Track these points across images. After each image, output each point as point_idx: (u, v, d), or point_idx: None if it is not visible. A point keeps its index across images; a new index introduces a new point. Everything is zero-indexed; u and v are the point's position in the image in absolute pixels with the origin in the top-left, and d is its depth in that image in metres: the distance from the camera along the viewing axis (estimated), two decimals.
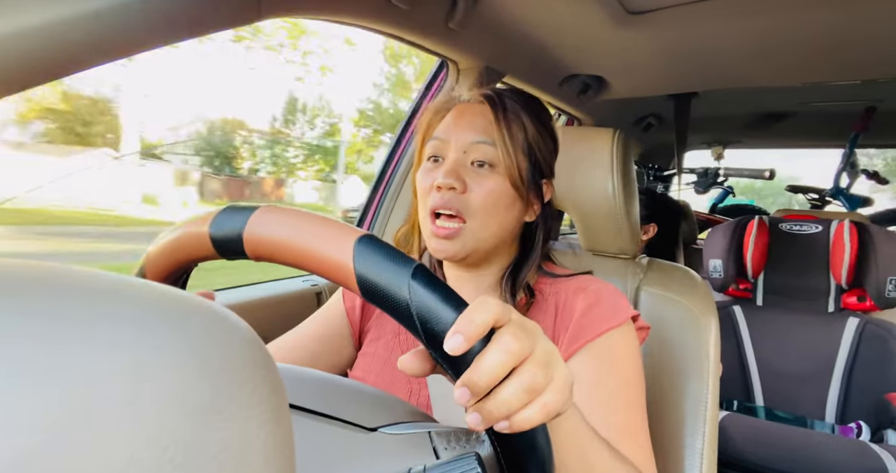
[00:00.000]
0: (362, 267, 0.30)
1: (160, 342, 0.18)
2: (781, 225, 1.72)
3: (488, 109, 0.62)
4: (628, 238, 0.82)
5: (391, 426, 0.36)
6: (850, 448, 1.27)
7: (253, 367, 0.20)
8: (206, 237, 0.35)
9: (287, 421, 0.21)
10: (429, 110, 0.69)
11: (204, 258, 0.37)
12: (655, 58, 1.14)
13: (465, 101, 0.66)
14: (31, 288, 0.18)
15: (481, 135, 0.61)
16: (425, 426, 0.36)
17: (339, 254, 0.31)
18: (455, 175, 0.60)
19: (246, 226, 0.33)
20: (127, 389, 0.16)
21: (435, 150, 0.64)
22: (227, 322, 0.20)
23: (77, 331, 0.16)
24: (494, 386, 0.29)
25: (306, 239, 0.32)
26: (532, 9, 0.92)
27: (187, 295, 0.21)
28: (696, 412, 0.71)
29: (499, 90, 0.66)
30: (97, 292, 0.19)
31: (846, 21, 0.89)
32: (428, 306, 0.29)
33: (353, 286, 0.31)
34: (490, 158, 0.61)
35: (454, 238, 0.60)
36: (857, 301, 1.59)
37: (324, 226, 0.32)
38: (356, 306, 0.72)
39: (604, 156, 0.78)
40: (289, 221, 0.33)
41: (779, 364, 1.62)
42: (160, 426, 0.16)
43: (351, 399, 0.39)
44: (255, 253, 0.34)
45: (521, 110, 0.64)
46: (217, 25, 0.58)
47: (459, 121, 0.63)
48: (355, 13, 0.78)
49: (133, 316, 0.18)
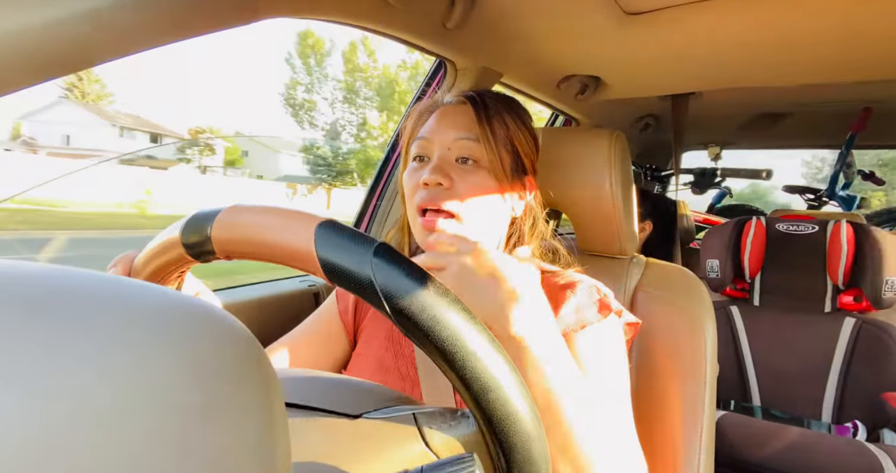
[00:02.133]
0: (324, 251, 0.31)
1: (154, 342, 0.17)
2: (778, 225, 1.72)
3: (470, 109, 0.65)
4: (626, 238, 0.82)
5: (375, 411, 0.36)
6: (846, 447, 1.27)
7: (249, 367, 0.20)
8: (178, 243, 0.36)
9: (283, 421, 0.21)
10: (413, 113, 0.71)
11: (181, 263, 0.38)
12: (653, 58, 1.14)
13: (447, 103, 0.68)
14: (21, 289, 0.18)
15: (464, 132, 0.64)
16: (409, 408, 0.36)
17: (300, 242, 0.32)
18: (441, 172, 0.61)
19: (212, 226, 0.34)
20: (120, 390, 0.16)
21: (420, 150, 0.66)
22: (223, 322, 0.20)
23: (69, 333, 0.16)
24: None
25: (269, 232, 0.33)
26: (530, 9, 0.92)
27: (181, 295, 0.21)
28: (693, 412, 0.71)
29: (480, 91, 0.70)
30: (90, 293, 0.19)
31: (843, 21, 0.89)
32: (392, 281, 0.30)
33: (317, 270, 0.32)
34: (473, 154, 0.63)
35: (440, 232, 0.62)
36: (853, 301, 1.59)
37: (284, 216, 0.33)
38: (349, 308, 0.73)
39: (601, 156, 0.78)
40: (251, 217, 0.34)
41: (776, 363, 1.63)
42: (154, 426, 0.16)
43: (334, 390, 0.39)
44: (224, 252, 0.35)
45: (502, 109, 0.67)
46: (215, 26, 0.58)
47: (443, 120, 0.66)
48: (352, 13, 0.78)
49: (127, 316, 0.18)
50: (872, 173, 2.49)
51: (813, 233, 1.68)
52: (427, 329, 0.29)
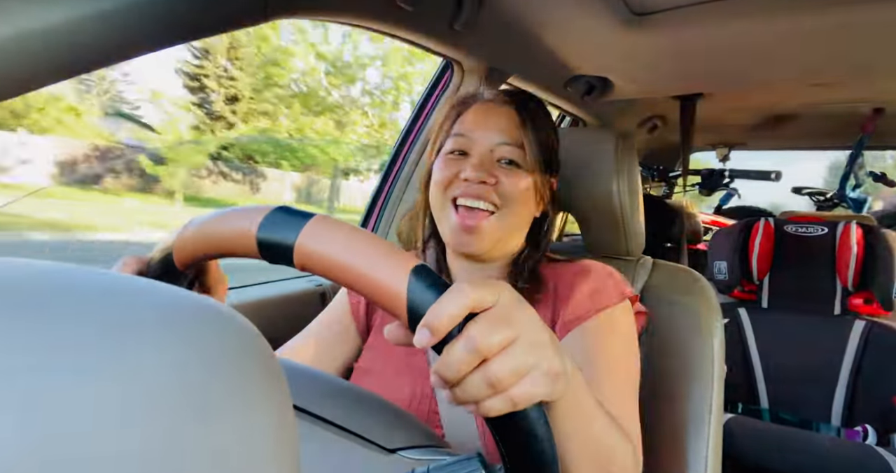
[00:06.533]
0: (416, 300, 0.30)
1: (163, 340, 0.18)
2: (787, 227, 1.71)
3: (513, 112, 0.66)
4: (633, 239, 0.82)
5: (411, 449, 0.36)
6: (855, 451, 1.26)
7: (256, 366, 0.20)
8: (251, 238, 0.33)
9: (290, 420, 0.21)
10: (449, 104, 0.71)
11: (242, 256, 0.36)
12: (661, 59, 1.13)
13: (487, 100, 0.68)
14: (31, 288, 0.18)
15: (507, 137, 0.65)
16: (443, 452, 0.37)
17: (393, 284, 0.31)
18: (486, 170, 0.62)
19: (298, 236, 0.32)
20: (128, 387, 0.16)
21: (459, 145, 0.66)
22: (231, 320, 0.20)
23: (78, 330, 0.17)
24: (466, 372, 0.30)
25: (362, 263, 0.31)
26: (537, 10, 0.91)
27: (191, 294, 0.21)
28: (700, 414, 0.70)
29: (518, 94, 0.70)
30: (99, 291, 0.19)
31: (853, 21, 0.88)
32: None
33: (402, 315, 0.31)
34: (516, 158, 0.65)
35: (479, 230, 0.62)
36: (863, 303, 1.58)
37: (378, 249, 0.32)
38: (361, 302, 0.74)
39: (608, 157, 0.78)
40: (344, 239, 0.32)
41: (784, 366, 1.61)
42: (162, 423, 0.16)
43: (372, 415, 0.39)
44: (302, 265, 0.33)
45: (540, 113, 0.68)
46: (223, 27, 0.59)
47: (485, 121, 0.66)
48: (361, 14, 0.78)
49: (136, 314, 0.18)
50: (884, 174, 2.47)
51: (822, 234, 1.66)
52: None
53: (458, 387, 0.30)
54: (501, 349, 0.30)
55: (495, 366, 0.29)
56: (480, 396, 0.30)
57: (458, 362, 0.29)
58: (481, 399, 0.30)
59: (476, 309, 0.30)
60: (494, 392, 0.30)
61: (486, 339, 0.29)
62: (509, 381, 0.30)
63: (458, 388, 0.30)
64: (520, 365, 0.30)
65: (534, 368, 0.31)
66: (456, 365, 0.29)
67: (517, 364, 0.30)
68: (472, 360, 0.29)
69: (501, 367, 0.30)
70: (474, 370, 0.30)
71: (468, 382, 0.30)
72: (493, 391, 0.30)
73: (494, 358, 0.30)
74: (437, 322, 0.29)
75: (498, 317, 0.30)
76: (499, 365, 0.30)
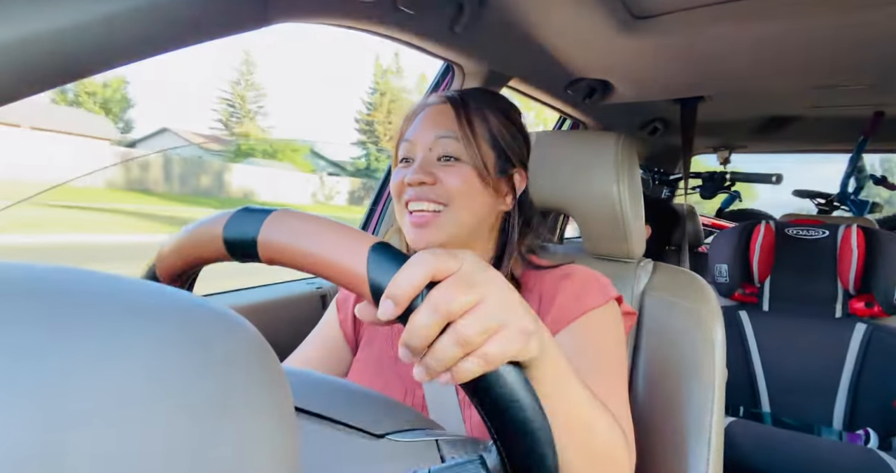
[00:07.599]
0: (376, 277, 0.30)
1: (165, 343, 0.18)
2: (788, 229, 1.71)
3: (450, 108, 0.66)
4: (633, 242, 0.82)
5: (399, 433, 0.36)
6: (857, 455, 1.25)
7: (257, 368, 0.20)
8: (219, 239, 0.35)
9: (292, 422, 0.21)
10: (404, 118, 0.72)
11: (215, 259, 0.37)
12: (662, 62, 1.14)
13: (431, 105, 0.69)
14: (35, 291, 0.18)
15: (443, 130, 0.64)
16: (433, 433, 0.37)
17: (353, 263, 0.31)
18: (424, 170, 0.62)
19: (260, 230, 0.33)
20: (130, 389, 0.16)
21: (405, 152, 0.67)
22: (232, 323, 0.21)
23: (82, 333, 0.17)
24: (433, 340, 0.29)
25: (321, 248, 0.32)
26: (538, 13, 0.92)
27: (192, 296, 0.21)
28: (701, 417, 0.70)
29: (462, 90, 0.70)
30: (102, 294, 0.19)
31: (853, 24, 0.88)
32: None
33: (366, 295, 0.31)
34: (454, 151, 0.64)
35: (430, 225, 0.62)
36: (864, 306, 1.57)
37: (338, 233, 0.32)
38: (349, 317, 0.74)
39: (609, 160, 0.78)
40: (303, 228, 0.33)
41: (785, 369, 1.61)
42: (165, 425, 0.16)
43: (359, 405, 0.39)
44: (268, 258, 0.34)
45: (484, 106, 0.67)
46: (224, 31, 0.59)
47: (425, 121, 0.67)
48: (361, 18, 0.78)
49: (138, 317, 0.18)
50: (885, 177, 2.47)
51: (823, 237, 1.66)
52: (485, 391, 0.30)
53: (429, 355, 0.30)
54: (467, 311, 0.30)
55: (462, 326, 0.29)
56: (452, 359, 0.29)
57: (422, 327, 0.29)
58: (453, 364, 0.30)
59: (438, 276, 0.30)
60: (464, 352, 0.29)
61: (450, 301, 0.29)
62: (479, 339, 0.29)
63: (429, 356, 0.30)
64: (488, 323, 0.30)
65: (503, 326, 0.30)
66: (421, 331, 0.29)
67: (485, 322, 0.30)
68: (436, 323, 0.29)
69: (469, 326, 0.29)
70: (442, 334, 0.29)
71: (437, 347, 0.29)
72: (463, 351, 0.29)
73: (461, 318, 0.29)
74: (398, 291, 0.29)
75: (461, 280, 0.30)
76: (466, 324, 0.29)
